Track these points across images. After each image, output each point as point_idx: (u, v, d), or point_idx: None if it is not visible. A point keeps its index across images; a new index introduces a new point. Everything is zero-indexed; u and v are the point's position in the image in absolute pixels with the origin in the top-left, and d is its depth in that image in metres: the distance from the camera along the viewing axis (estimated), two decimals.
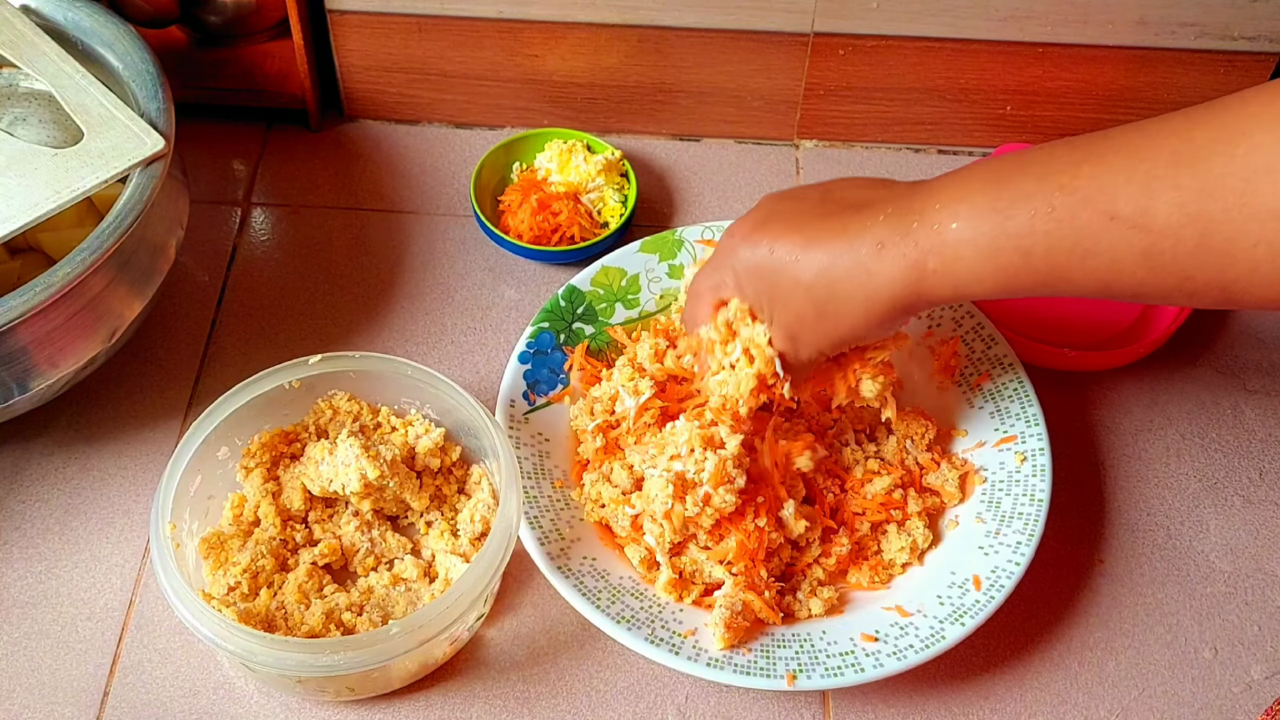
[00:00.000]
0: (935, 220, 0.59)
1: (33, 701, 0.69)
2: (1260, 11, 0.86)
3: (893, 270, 0.60)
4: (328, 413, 0.76)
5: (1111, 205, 0.55)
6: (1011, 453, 0.74)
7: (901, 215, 0.60)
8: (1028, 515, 0.71)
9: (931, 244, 0.59)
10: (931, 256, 0.59)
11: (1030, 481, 0.73)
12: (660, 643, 0.67)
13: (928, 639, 0.67)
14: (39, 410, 0.77)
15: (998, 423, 0.76)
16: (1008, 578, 0.69)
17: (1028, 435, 0.75)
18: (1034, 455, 0.74)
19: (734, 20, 0.89)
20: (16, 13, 0.79)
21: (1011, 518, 0.72)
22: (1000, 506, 0.73)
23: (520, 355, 0.79)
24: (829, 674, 0.66)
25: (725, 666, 0.66)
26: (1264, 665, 0.72)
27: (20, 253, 0.82)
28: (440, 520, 0.74)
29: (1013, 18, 0.88)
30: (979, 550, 0.71)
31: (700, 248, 0.84)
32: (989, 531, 0.72)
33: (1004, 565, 0.69)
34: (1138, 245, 0.55)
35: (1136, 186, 0.54)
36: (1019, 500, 0.72)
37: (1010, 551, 0.70)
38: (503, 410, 0.76)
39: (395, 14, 0.90)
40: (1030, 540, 0.70)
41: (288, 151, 0.96)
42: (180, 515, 0.69)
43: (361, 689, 0.68)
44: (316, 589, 0.71)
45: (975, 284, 0.60)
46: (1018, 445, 0.74)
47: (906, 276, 0.60)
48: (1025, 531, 0.71)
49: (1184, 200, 0.53)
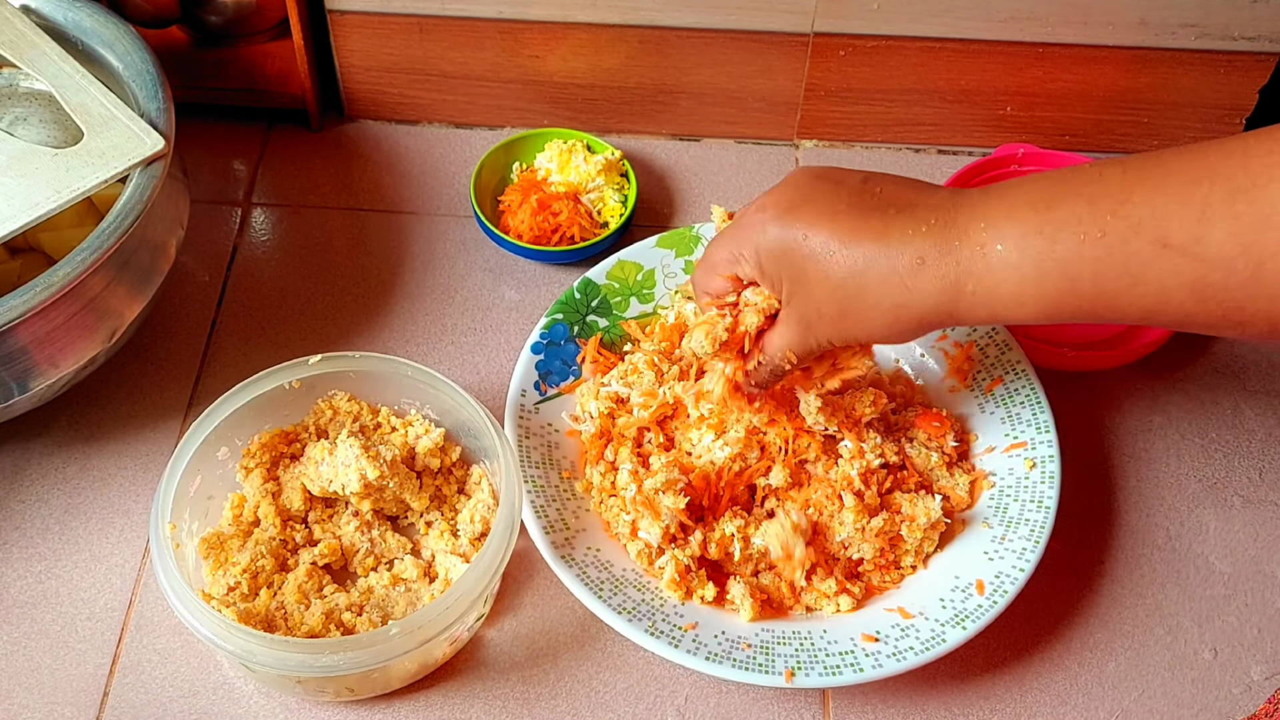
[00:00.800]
0: (979, 240, 0.57)
1: (33, 701, 0.69)
2: (1260, 11, 0.86)
3: (930, 288, 0.58)
4: (328, 413, 0.76)
5: (1164, 232, 0.53)
6: (1021, 459, 0.74)
7: (944, 229, 0.58)
8: (1034, 522, 0.71)
9: (973, 266, 0.57)
10: (971, 279, 0.57)
11: (1039, 488, 0.73)
12: (660, 635, 0.67)
13: (928, 641, 0.67)
14: (39, 410, 0.77)
15: (1008, 428, 0.76)
16: (1011, 583, 0.69)
17: (1038, 441, 0.74)
18: (1044, 462, 0.73)
19: (734, 20, 0.89)
20: (16, 13, 0.79)
21: (1018, 524, 0.71)
22: (1008, 512, 0.72)
23: (533, 345, 0.79)
24: (828, 672, 0.66)
25: (724, 661, 0.66)
26: (1264, 666, 0.72)
27: (20, 253, 0.82)
28: (440, 520, 0.74)
29: (1013, 18, 0.88)
30: (984, 555, 0.71)
31: None
32: (995, 537, 0.72)
33: (1008, 571, 0.69)
34: (1189, 274, 0.53)
35: (1191, 213, 0.52)
36: (1026, 506, 0.72)
37: (1015, 558, 0.70)
38: (514, 400, 0.77)
39: (395, 14, 0.90)
40: (1036, 547, 0.70)
41: (288, 151, 0.96)
42: (180, 515, 0.69)
43: (361, 689, 0.68)
44: (316, 589, 0.71)
45: (1015, 308, 0.58)
46: (1027, 451, 0.74)
47: (942, 296, 0.58)
48: (1031, 538, 0.70)
49: (1240, 229, 0.51)
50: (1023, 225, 0.56)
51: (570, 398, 0.78)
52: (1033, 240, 0.56)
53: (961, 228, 0.58)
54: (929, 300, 0.59)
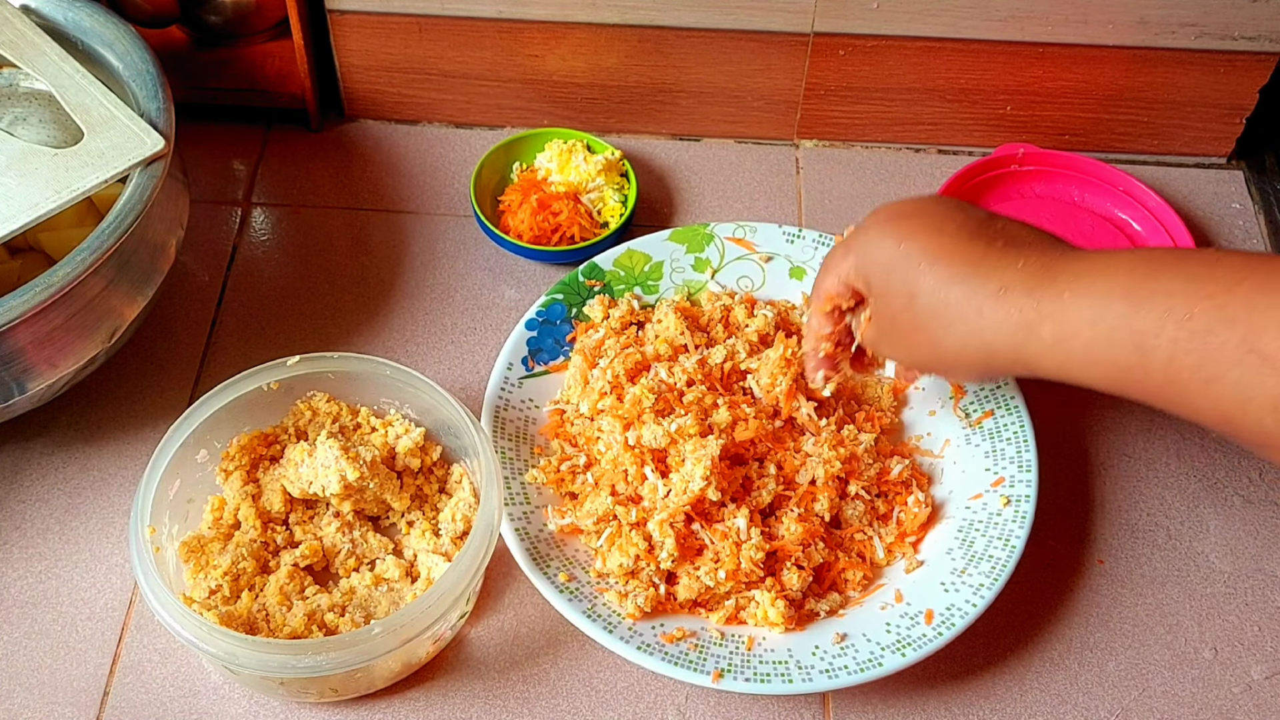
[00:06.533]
0: (1066, 287, 0.55)
1: (33, 701, 0.69)
2: (1260, 11, 0.86)
3: (1003, 320, 0.56)
4: (307, 414, 0.76)
5: (1257, 337, 0.49)
6: (997, 495, 0.73)
7: (1038, 270, 0.56)
8: (997, 559, 0.70)
9: (1050, 309, 0.55)
10: (1047, 323, 0.55)
11: (1009, 526, 0.71)
12: (597, 619, 0.67)
13: (864, 663, 0.67)
14: (39, 410, 0.77)
15: (990, 463, 0.75)
16: (961, 617, 0.68)
17: (1017, 480, 0.73)
18: (1019, 501, 0.72)
19: (734, 20, 0.89)
20: (16, 13, 0.79)
21: (981, 559, 0.70)
22: (973, 546, 0.71)
23: (528, 322, 0.80)
24: (756, 679, 0.66)
25: (656, 653, 0.66)
26: (1264, 665, 0.72)
27: (20, 253, 0.82)
28: (421, 520, 0.74)
29: (1013, 18, 0.88)
30: (940, 586, 0.70)
31: (730, 244, 0.84)
32: (955, 569, 0.71)
33: (960, 605, 0.68)
34: (1274, 391, 0.49)
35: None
36: (992, 543, 0.71)
37: (970, 592, 0.69)
38: (500, 371, 0.77)
39: (395, 14, 0.90)
40: (993, 585, 0.69)
41: (288, 151, 0.96)
42: (160, 519, 0.69)
43: (345, 689, 0.68)
44: (298, 590, 0.71)
45: (1082, 368, 0.55)
46: (1004, 488, 0.73)
47: (1014, 333, 0.56)
48: (990, 575, 0.69)
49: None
50: (1114, 285, 0.54)
51: (556, 377, 0.79)
52: (1117, 302, 0.53)
53: (1055, 273, 0.56)
54: (1000, 334, 0.57)
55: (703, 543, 0.70)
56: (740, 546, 0.69)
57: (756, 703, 0.70)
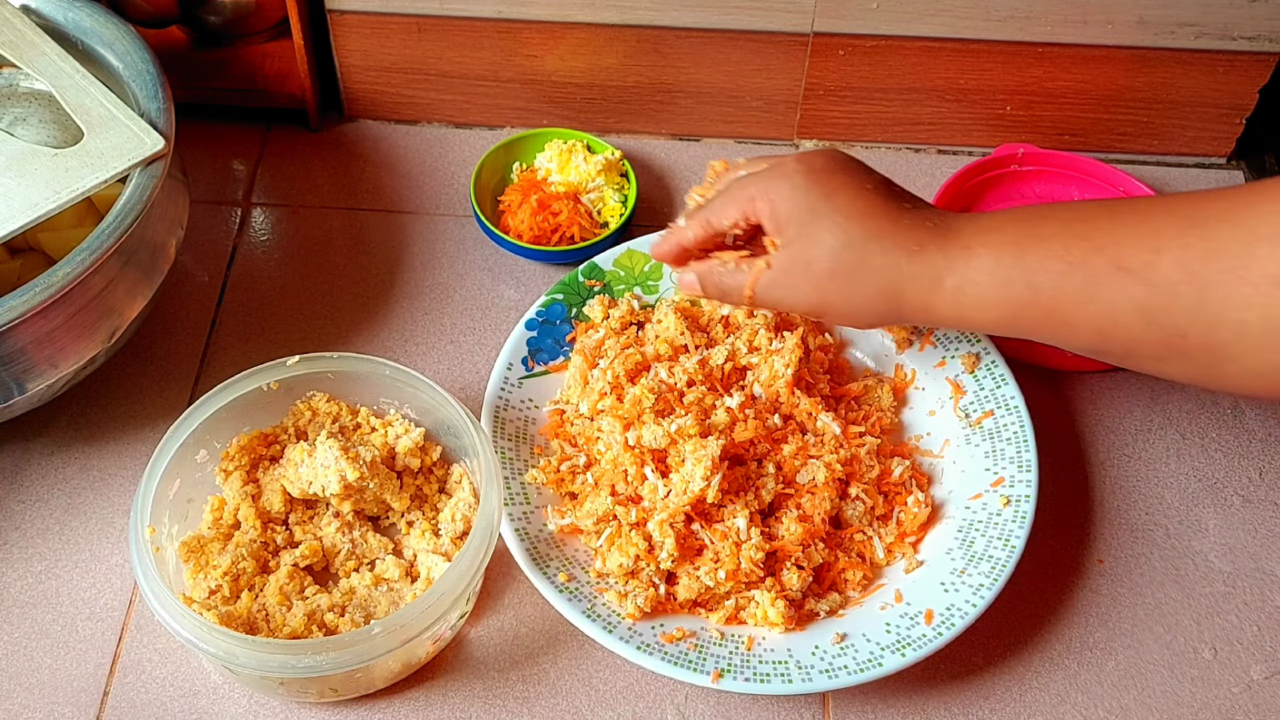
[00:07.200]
0: (967, 243, 0.64)
1: (33, 701, 0.69)
2: (1260, 11, 0.86)
3: (919, 273, 0.64)
4: (306, 414, 0.76)
5: (1120, 256, 0.59)
6: (997, 495, 0.73)
7: (944, 229, 0.65)
8: (997, 559, 0.70)
9: (955, 264, 0.63)
10: (952, 275, 0.64)
11: (1008, 526, 0.71)
12: (596, 619, 0.67)
13: (864, 663, 0.67)
14: (39, 410, 0.77)
15: (990, 463, 0.75)
16: (961, 618, 0.68)
17: (1017, 480, 0.73)
18: (1019, 501, 0.72)
19: (734, 20, 0.89)
20: (16, 13, 0.79)
21: (981, 559, 0.70)
22: (973, 546, 0.71)
23: (528, 322, 0.80)
24: (755, 679, 0.66)
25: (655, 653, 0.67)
26: (1263, 665, 0.72)
27: (20, 253, 0.82)
28: (421, 520, 0.74)
29: (1013, 18, 0.88)
30: (940, 586, 0.70)
31: None
32: (955, 569, 0.71)
33: (960, 605, 0.69)
34: (1138, 297, 0.59)
35: (1146, 242, 0.59)
36: (992, 543, 0.71)
37: (970, 592, 0.69)
38: (500, 371, 0.77)
39: (395, 14, 0.90)
40: (993, 585, 0.69)
41: (288, 151, 0.96)
42: (160, 519, 0.69)
43: (345, 690, 0.68)
44: (298, 591, 0.71)
45: (980, 311, 0.64)
46: (1004, 488, 0.73)
47: (923, 285, 0.64)
48: (990, 575, 0.69)
49: (1188, 259, 0.57)
50: (1004, 237, 0.63)
51: (556, 378, 0.79)
52: (1008, 249, 0.63)
53: (956, 230, 0.65)
54: (914, 285, 0.64)
55: (703, 543, 0.70)
56: (740, 546, 0.69)
57: (756, 703, 0.70)
